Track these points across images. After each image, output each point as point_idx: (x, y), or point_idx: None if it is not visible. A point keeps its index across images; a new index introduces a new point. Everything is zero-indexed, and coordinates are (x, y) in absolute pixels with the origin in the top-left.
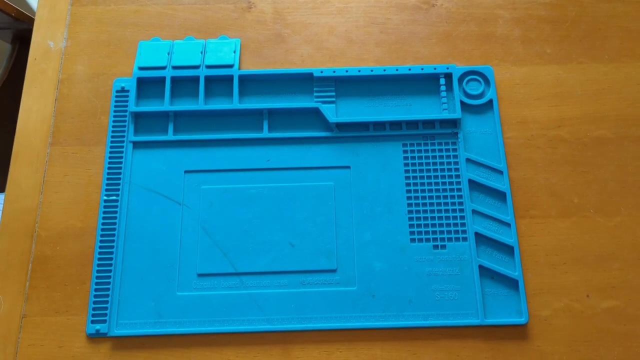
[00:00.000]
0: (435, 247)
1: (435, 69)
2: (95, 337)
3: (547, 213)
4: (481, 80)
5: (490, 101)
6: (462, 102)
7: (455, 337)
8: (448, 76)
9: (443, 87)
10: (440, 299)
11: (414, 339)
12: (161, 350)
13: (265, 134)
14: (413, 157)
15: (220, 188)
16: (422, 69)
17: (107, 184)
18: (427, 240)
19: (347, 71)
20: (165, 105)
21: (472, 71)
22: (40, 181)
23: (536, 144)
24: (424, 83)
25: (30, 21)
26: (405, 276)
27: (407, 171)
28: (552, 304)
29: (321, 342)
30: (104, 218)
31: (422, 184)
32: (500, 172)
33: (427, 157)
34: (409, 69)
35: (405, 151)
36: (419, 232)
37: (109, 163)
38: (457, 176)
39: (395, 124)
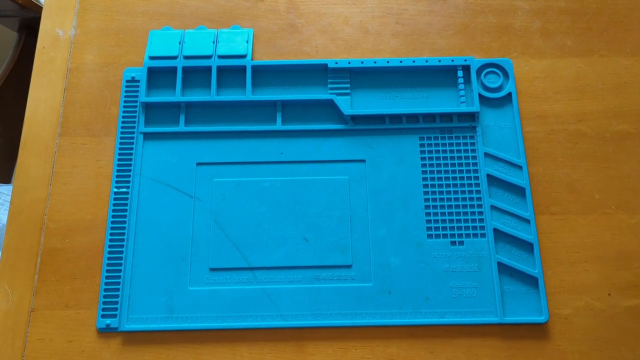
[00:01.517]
0: (453, 243)
1: (452, 61)
2: (106, 332)
3: (568, 209)
4: (500, 73)
5: (509, 94)
6: (480, 95)
7: (473, 335)
8: (466, 68)
9: (461, 80)
10: (457, 296)
11: (431, 337)
12: (172, 346)
13: (278, 126)
14: (430, 151)
15: (233, 181)
16: (440, 61)
17: (118, 176)
18: (445, 236)
19: (362, 62)
20: (177, 95)
21: (491, 63)
22: (49, 172)
23: (556, 138)
24: (441, 75)
25: (37, 9)
26: (422, 273)
27: (424, 165)
28: (573, 302)
29: (336, 339)
30: (114, 210)
31: (440, 178)
32: (520, 167)
33: (444, 151)
34: (426, 61)
35: (422, 145)
36: (436, 228)
37: (119, 154)
38: (475, 171)
39: (412, 117)
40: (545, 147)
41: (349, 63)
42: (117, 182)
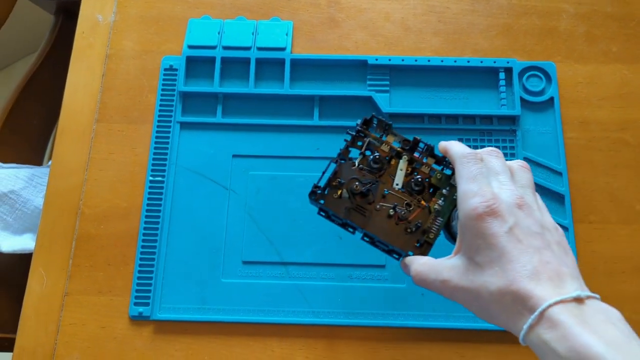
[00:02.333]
0: None
1: (495, 62)
2: (138, 320)
3: (607, 219)
4: (542, 76)
5: (551, 99)
6: (521, 99)
7: (505, 341)
8: (508, 71)
9: (502, 82)
10: None
11: (463, 341)
12: (203, 337)
13: (315, 121)
14: None
15: (268, 175)
16: (482, 62)
17: (153, 164)
18: None
19: (403, 60)
20: (215, 86)
21: (534, 67)
22: (86, 158)
23: (598, 146)
24: (483, 76)
25: None
26: None
27: None
28: None
29: (367, 339)
30: (149, 199)
31: None
32: (559, 174)
33: None
34: (468, 61)
35: None
36: None
37: (156, 143)
38: None
39: (452, 118)
40: (586, 154)
41: (390, 60)
42: (152, 170)
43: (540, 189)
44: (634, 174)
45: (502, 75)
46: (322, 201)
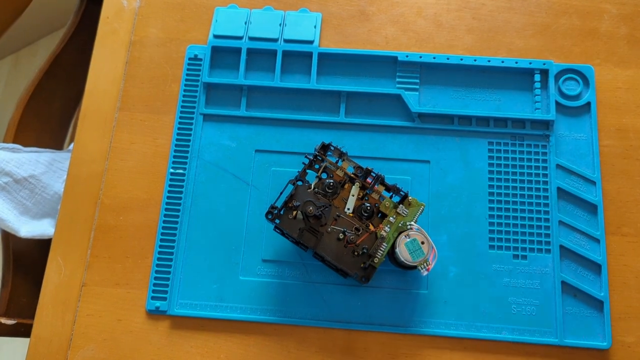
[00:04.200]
0: (516, 256)
1: (530, 63)
2: (155, 314)
3: None
4: (580, 80)
5: (588, 104)
6: (556, 102)
7: (529, 354)
8: (544, 72)
9: (537, 85)
10: (516, 313)
11: (485, 352)
12: (220, 335)
13: (341, 118)
14: (499, 157)
15: (291, 172)
16: (517, 63)
17: (175, 156)
18: (508, 248)
19: (434, 58)
20: (240, 78)
21: (571, 69)
22: (107, 147)
23: (635, 155)
24: (517, 78)
25: None
26: (481, 285)
27: (491, 172)
28: (638, 330)
29: (386, 345)
30: (169, 192)
31: (507, 187)
32: (593, 183)
33: (514, 159)
34: (502, 62)
35: (490, 150)
36: (499, 239)
37: (178, 134)
38: (545, 182)
39: (482, 120)
40: (622, 163)
41: (420, 57)
42: (174, 162)
43: (572, 198)
44: None
45: (537, 77)
46: (277, 221)
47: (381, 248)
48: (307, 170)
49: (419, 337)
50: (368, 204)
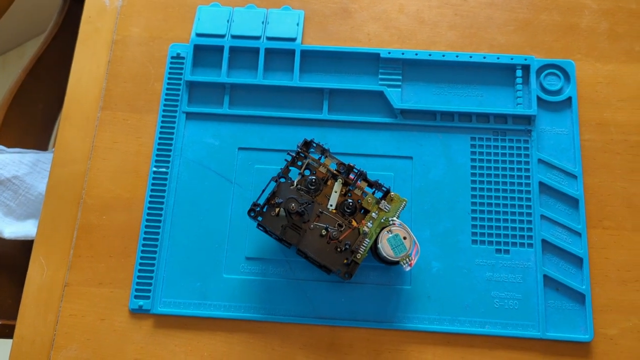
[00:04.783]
0: (498, 251)
1: (512, 59)
2: (138, 313)
3: (622, 225)
4: (561, 75)
5: (569, 99)
6: (538, 98)
7: (512, 348)
8: (525, 68)
9: (519, 80)
10: (499, 307)
11: (468, 346)
12: (204, 333)
13: (324, 115)
14: (481, 153)
15: (275, 169)
16: (498, 58)
17: (158, 155)
18: (490, 243)
19: (416, 54)
20: (222, 76)
21: (552, 64)
22: (90, 146)
23: (615, 149)
24: (498, 73)
25: None
26: (464, 279)
27: (473, 167)
28: (620, 322)
29: (370, 340)
30: (152, 190)
31: (489, 182)
32: (574, 177)
33: (496, 154)
34: (484, 57)
35: (473, 145)
36: (482, 234)
37: (160, 133)
38: (527, 177)
39: (465, 116)
40: (603, 157)
41: (403, 54)
42: (157, 161)
43: (554, 192)
44: None
45: (519, 72)
46: (260, 218)
47: (364, 244)
48: (290, 168)
49: (402, 332)
50: (351, 200)
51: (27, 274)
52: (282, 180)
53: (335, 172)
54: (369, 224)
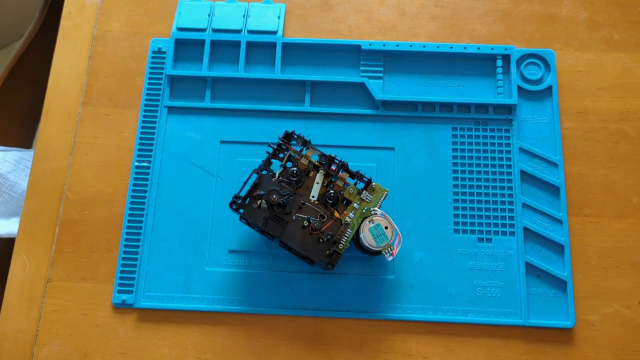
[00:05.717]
0: (480, 240)
1: (492, 49)
2: (121, 308)
3: (603, 212)
4: (541, 64)
5: (550, 88)
6: (518, 87)
7: (495, 336)
8: (505, 58)
9: (500, 70)
10: (482, 295)
11: (452, 335)
12: (188, 326)
13: (306, 107)
14: (463, 143)
15: (258, 162)
16: (479, 49)
17: (139, 150)
18: (472, 232)
19: (397, 46)
20: (204, 70)
21: (532, 54)
22: (71, 142)
23: (596, 137)
24: (479, 64)
25: None
26: (447, 268)
27: (455, 157)
28: (601, 308)
29: (354, 331)
30: (134, 185)
31: (471, 171)
32: (555, 165)
33: (477, 144)
34: (464, 48)
35: (454, 135)
36: (464, 223)
37: (142, 127)
38: (509, 166)
39: (446, 106)
40: (583, 145)
41: (384, 46)
42: (138, 155)
43: (535, 180)
44: (632, 166)
45: (499, 62)
46: (242, 210)
47: (346, 234)
48: (272, 160)
49: (386, 322)
50: (332, 191)
51: (10, 270)
52: (264, 172)
53: (317, 163)
54: (350, 214)
